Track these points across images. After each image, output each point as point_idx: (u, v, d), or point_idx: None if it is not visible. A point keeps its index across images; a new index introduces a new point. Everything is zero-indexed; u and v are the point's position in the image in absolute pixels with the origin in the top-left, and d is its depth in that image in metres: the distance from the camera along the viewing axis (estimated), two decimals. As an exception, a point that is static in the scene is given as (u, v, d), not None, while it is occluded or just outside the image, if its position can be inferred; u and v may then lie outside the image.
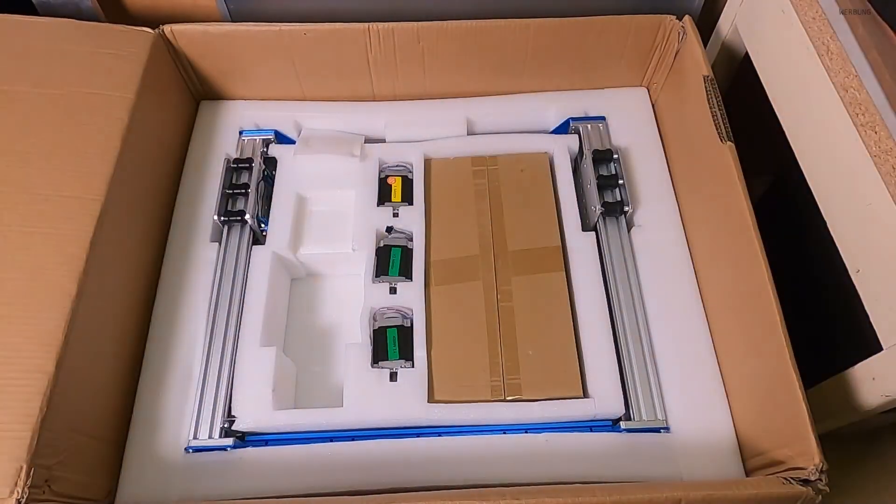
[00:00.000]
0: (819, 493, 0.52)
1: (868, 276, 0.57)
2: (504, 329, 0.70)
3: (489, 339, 0.69)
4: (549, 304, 0.71)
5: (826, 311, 0.81)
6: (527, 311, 0.71)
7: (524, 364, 0.68)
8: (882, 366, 0.57)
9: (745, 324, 0.64)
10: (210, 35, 0.78)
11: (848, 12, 0.63)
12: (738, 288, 0.65)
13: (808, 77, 0.64)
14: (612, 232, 0.76)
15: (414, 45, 0.78)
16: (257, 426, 0.65)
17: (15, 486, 0.49)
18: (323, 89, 0.84)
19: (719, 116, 0.69)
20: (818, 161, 0.64)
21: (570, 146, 0.83)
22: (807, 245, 0.84)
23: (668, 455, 0.63)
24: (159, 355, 0.68)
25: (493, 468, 0.62)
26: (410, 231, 0.76)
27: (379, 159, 0.81)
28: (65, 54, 0.71)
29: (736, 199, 0.64)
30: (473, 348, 0.69)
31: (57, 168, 0.63)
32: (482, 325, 0.70)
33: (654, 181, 0.79)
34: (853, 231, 0.59)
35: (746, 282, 0.63)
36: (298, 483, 0.62)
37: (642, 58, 0.83)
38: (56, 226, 0.60)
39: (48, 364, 0.54)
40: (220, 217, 0.76)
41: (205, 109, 0.85)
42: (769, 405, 0.60)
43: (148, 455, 0.63)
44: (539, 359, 0.68)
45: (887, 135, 0.55)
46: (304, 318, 0.78)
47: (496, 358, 0.68)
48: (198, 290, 0.72)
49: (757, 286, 0.61)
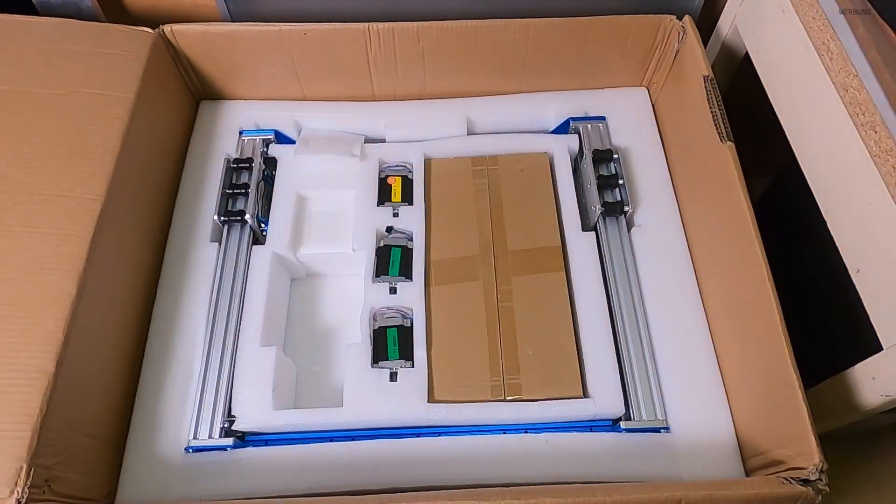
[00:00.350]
0: (819, 493, 0.52)
1: (868, 276, 0.57)
2: (504, 329, 0.70)
3: (489, 339, 0.69)
4: (549, 304, 0.71)
5: (826, 311, 0.81)
6: (527, 311, 0.71)
7: (524, 364, 0.68)
8: (882, 366, 0.57)
9: (745, 324, 0.64)
10: (210, 35, 0.78)
11: (848, 12, 0.63)
12: (738, 288, 0.65)
13: (808, 77, 0.64)
14: (612, 232, 0.76)
15: (414, 45, 0.78)
16: (257, 426, 0.65)
17: (15, 486, 0.49)
18: (323, 89, 0.84)
19: (719, 116, 0.69)
20: (818, 161, 0.64)
21: (570, 146, 0.83)
22: (807, 245, 0.84)
23: (668, 455, 0.63)
24: (159, 355, 0.68)
25: (493, 468, 0.62)
26: (410, 231, 0.76)
27: (379, 159, 0.81)
28: (65, 54, 0.71)
29: (736, 200, 0.64)
30: (473, 348, 0.69)
31: (57, 168, 0.63)
32: (482, 325, 0.70)
33: (654, 181, 0.79)
34: (853, 231, 0.59)
35: (746, 282, 0.63)
36: (298, 483, 0.62)
37: (642, 58, 0.83)
38: (56, 226, 0.60)
39: (48, 364, 0.54)
40: (220, 217, 0.76)
41: (205, 109, 0.85)
42: (769, 405, 0.60)
43: (148, 455, 0.63)
44: (539, 359, 0.68)
45: (887, 134, 0.55)
46: (304, 318, 0.78)
47: (496, 358, 0.68)
48: (198, 290, 0.72)
49: (757, 286, 0.61)
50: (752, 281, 0.62)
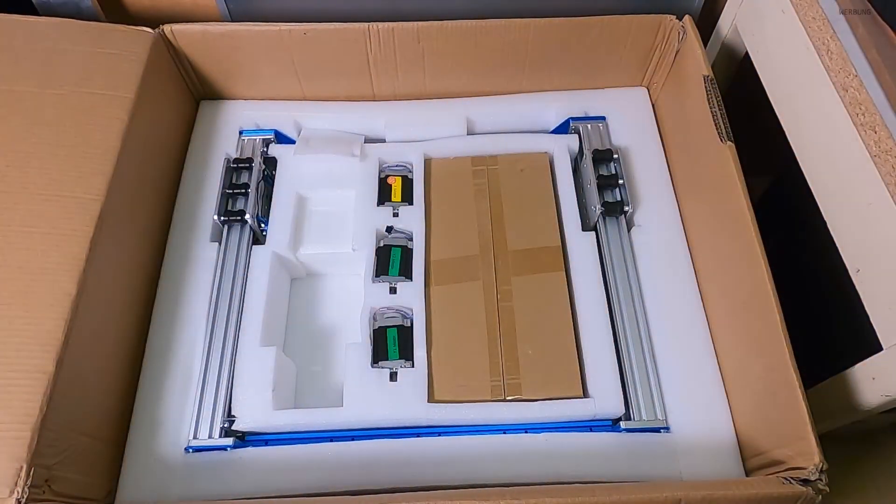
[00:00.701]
0: (819, 493, 0.52)
1: (868, 276, 0.57)
2: (504, 329, 0.70)
3: (489, 338, 0.69)
4: (549, 304, 0.71)
5: (826, 311, 0.81)
6: (527, 310, 0.71)
7: (524, 364, 0.68)
8: (882, 366, 0.57)
9: (746, 324, 0.64)
10: (210, 35, 0.78)
11: (848, 12, 0.63)
12: (738, 288, 0.65)
13: (808, 77, 0.64)
14: (612, 232, 0.76)
15: (414, 44, 0.78)
16: (257, 426, 0.65)
17: (15, 486, 0.49)
18: (323, 89, 0.84)
19: (719, 116, 0.69)
20: (818, 161, 0.64)
21: (571, 146, 0.83)
22: (807, 245, 0.84)
23: (668, 455, 0.63)
24: (159, 355, 0.68)
25: (493, 468, 0.62)
26: (410, 231, 0.76)
27: (379, 159, 0.81)
28: (65, 54, 0.71)
29: (736, 200, 0.64)
30: (473, 348, 0.69)
31: (57, 168, 0.63)
32: (482, 325, 0.70)
33: (654, 181, 0.79)
34: (853, 231, 0.59)
35: (746, 282, 0.63)
36: (298, 483, 0.62)
37: (642, 58, 0.83)
38: (56, 226, 0.60)
39: (48, 364, 0.54)
40: (220, 217, 0.76)
41: (205, 109, 0.85)
42: (769, 405, 0.60)
43: (148, 455, 0.63)
44: (539, 358, 0.68)
45: (887, 135, 0.55)
46: (304, 317, 0.78)
47: (496, 358, 0.68)
48: (198, 290, 0.72)
49: (757, 286, 0.61)
50: (752, 281, 0.62)
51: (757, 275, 0.61)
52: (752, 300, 0.62)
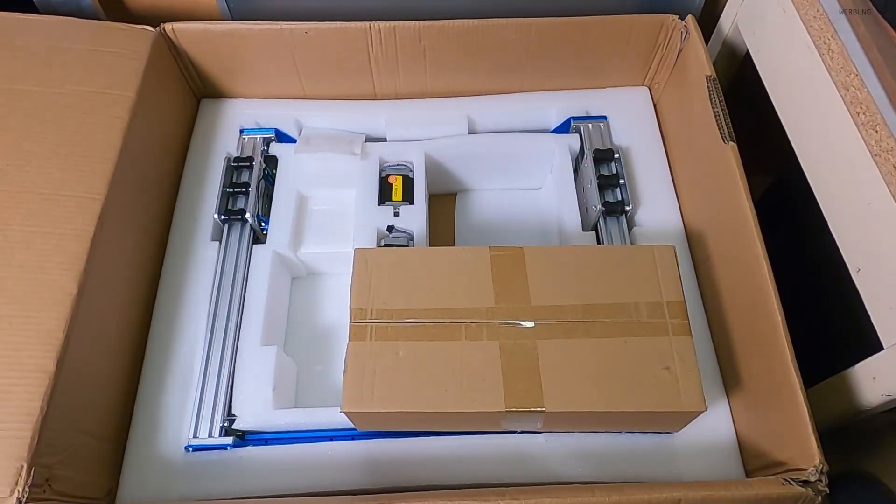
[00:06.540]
0: (819, 494, 0.52)
1: (868, 276, 0.57)
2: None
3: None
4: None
5: (826, 311, 0.81)
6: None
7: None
8: (882, 365, 0.56)
9: (746, 324, 0.64)
10: (211, 33, 0.77)
11: (849, 11, 0.62)
12: (739, 288, 0.65)
13: (809, 76, 0.64)
14: (612, 232, 0.76)
15: (415, 43, 0.78)
16: (257, 425, 0.65)
17: (16, 486, 0.50)
18: (324, 88, 0.84)
19: (722, 116, 0.69)
20: (819, 160, 0.64)
21: (571, 145, 0.82)
22: (807, 244, 0.83)
23: (668, 455, 0.63)
24: (160, 354, 0.68)
25: (492, 468, 0.62)
26: (411, 230, 0.76)
27: (380, 158, 0.81)
28: (65, 53, 0.71)
29: (738, 200, 0.64)
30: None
31: (57, 167, 0.63)
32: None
33: (655, 181, 0.79)
34: (854, 230, 0.59)
35: (747, 281, 0.63)
36: (298, 482, 0.62)
37: (644, 57, 0.82)
38: (56, 225, 0.60)
39: (49, 363, 0.54)
40: (221, 216, 0.76)
41: (205, 108, 0.85)
42: (769, 405, 0.60)
43: (148, 454, 0.63)
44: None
45: (888, 134, 0.55)
46: (304, 317, 0.78)
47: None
48: (198, 289, 0.72)
49: (758, 286, 0.61)
50: (752, 280, 0.62)
51: (758, 274, 0.61)
52: (753, 300, 0.62)
